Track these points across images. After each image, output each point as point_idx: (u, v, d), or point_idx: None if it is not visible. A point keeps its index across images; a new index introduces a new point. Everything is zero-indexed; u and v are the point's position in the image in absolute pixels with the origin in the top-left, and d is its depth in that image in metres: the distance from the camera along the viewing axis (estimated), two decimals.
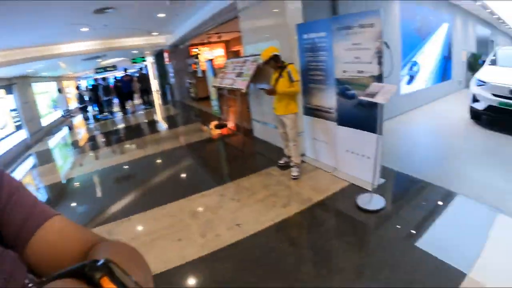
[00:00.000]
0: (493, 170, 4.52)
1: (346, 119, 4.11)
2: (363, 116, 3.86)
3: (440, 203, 3.59)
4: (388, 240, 2.96)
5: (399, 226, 3.18)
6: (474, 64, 12.03)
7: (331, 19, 4.37)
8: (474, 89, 6.46)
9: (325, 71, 4.31)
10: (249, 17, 5.91)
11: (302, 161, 4.59)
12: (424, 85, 8.30)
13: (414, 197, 3.80)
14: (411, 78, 7.49)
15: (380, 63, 3.68)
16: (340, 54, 4.05)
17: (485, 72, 6.65)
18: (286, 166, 4.54)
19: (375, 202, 3.48)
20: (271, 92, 4.16)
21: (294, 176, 4.19)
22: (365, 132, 3.85)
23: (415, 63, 7.57)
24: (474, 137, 5.86)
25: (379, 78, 3.68)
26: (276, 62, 4.16)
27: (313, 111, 4.65)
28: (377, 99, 3.24)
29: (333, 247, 2.90)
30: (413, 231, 3.04)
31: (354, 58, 3.91)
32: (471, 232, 3.07)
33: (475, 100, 6.42)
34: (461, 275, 2.42)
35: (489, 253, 2.68)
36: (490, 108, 6.11)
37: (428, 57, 8.30)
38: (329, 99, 4.31)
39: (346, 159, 4.23)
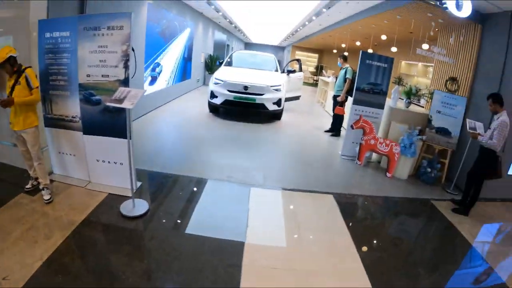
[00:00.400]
0: (236, 153, 5.76)
1: (92, 127, 3.88)
2: (110, 122, 3.76)
3: (195, 189, 4.20)
4: (162, 238, 3.14)
5: (166, 221, 3.45)
6: (211, 65, 14.09)
7: (77, 17, 3.93)
8: (213, 86, 7.61)
9: (68, 76, 3.85)
10: None
11: (52, 180, 3.93)
12: (167, 85, 8.95)
13: (171, 191, 4.21)
14: (154, 79, 7.90)
15: (126, 66, 3.67)
16: (85, 56, 3.74)
17: (222, 72, 7.95)
18: (35, 190, 3.77)
19: (138, 206, 3.55)
20: (7, 103, 3.27)
21: (46, 200, 3.52)
22: (115, 138, 3.78)
23: (158, 64, 8.01)
24: (215, 126, 6.99)
25: (125, 82, 3.68)
26: (12, 66, 3.32)
27: (55, 122, 4.03)
28: (124, 105, 3.18)
29: (115, 264, 2.75)
30: (179, 221, 3.44)
31: (100, 62, 3.73)
32: (234, 209, 3.82)
33: (213, 96, 7.59)
34: (240, 244, 3.02)
35: (254, 220, 3.52)
36: (226, 102, 7.42)
37: (170, 59, 8.96)
38: (72, 107, 3.90)
39: (99, 170, 4.01)
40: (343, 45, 13.47)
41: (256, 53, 10.42)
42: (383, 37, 9.58)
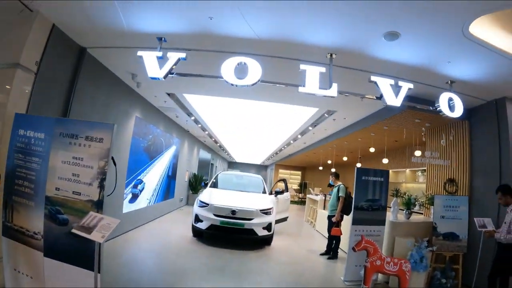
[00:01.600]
0: (225, 283, 4.74)
1: (55, 250, 3.24)
2: (77, 248, 3.15)
3: None
4: None
5: None
6: (195, 184, 13.69)
7: (55, 119, 3.55)
8: (197, 210, 6.95)
9: (35, 184, 3.31)
10: None
11: None
12: (148, 203, 8.30)
13: None
14: (135, 196, 7.30)
15: (101, 186, 3.19)
16: (56, 166, 3.28)
17: (207, 195, 7.37)
18: None
19: None
20: None
21: None
22: (80, 268, 3.14)
23: (140, 181, 7.51)
24: (199, 255, 5.97)
25: (98, 205, 3.17)
26: None
27: (14, 233, 3.34)
28: (94, 236, 2.67)
29: None
30: None
31: (72, 175, 3.25)
32: None
33: (198, 220, 6.86)
34: None
35: None
36: (212, 227, 6.66)
37: (154, 176, 8.52)
38: (35, 221, 3.28)
39: None
40: (329, 161, 13.66)
41: (243, 174, 10.19)
42: (372, 149, 9.63)
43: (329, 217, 6.96)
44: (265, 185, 8.91)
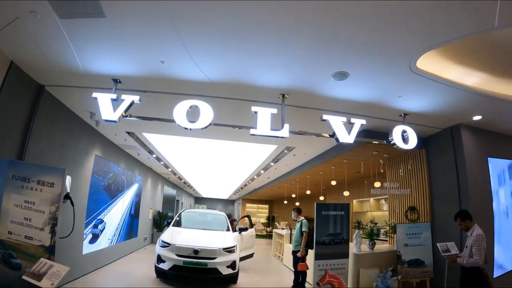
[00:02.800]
0: None
1: None
2: None
3: None
4: None
5: None
6: (159, 222, 13.28)
7: (8, 161, 3.50)
8: (159, 250, 6.75)
9: None
10: None
11: None
12: (110, 243, 7.96)
13: None
14: (96, 237, 7.00)
15: (53, 231, 3.15)
16: (9, 209, 3.23)
17: (169, 234, 7.18)
18: None
19: None
20: None
21: None
22: None
23: (101, 221, 7.25)
24: None
25: (50, 251, 3.13)
26: None
27: None
28: (43, 284, 2.65)
29: None
30: None
31: (24, 219, 3.21)
32: None
33: (160, 260, 6.64)
34: None
35: None
36: (175, 267, 6.46)
37: (115, 215, 8.26)
38: None
39: None
40: (293, 195, 13.91)
41: (206, 211, 10.13)
42: (333, 182, 9.96)
43: (294, 252, 6.99)
44: (228, 222, 8.85)
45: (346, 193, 11.30)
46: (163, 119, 4.22)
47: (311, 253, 6.88)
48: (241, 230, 9.00)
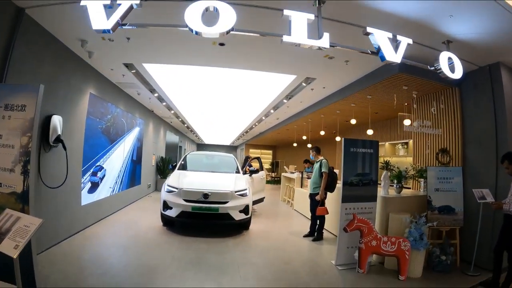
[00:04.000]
0: (203, 280, 4.12)
1: None
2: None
3: None
4: None
5: None
6: (163, 168, 12.78)
7: None
8: (165, 196, 6.20)
9: None
10: None
11: None
12: (111, 192, 7.40)
13: None
14: (95, 185, 6.40)
15: (25, 172, 2.42)
16: None
17: (175, 178, 6.59)
18: None
19: None
20: None
21: None
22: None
23: (100, 168, 6.61)
24: (171, 248, 5.23)
25: (24, 199, 2.41)
26: None
27: None
28: (3, 247, 1.97)
29: None
30: None
31: None
32: None
33: (166, 207, 6.11)
34: None
35: None
36: (183, 214, 5.96)
37: (116, 161, 7.63)
38: None
39: None
40: (304, 137, 13.20)
41: (213, 153, 9.40)
42: (353, 121, 9.13)
43: (312, 196, 6.47)
44: (238, 164, 8.26)
45: (370, 132, 10.46)
46: (169, 25, 3.36)
47: (329, 197, 6.39)
48: (251, 172, 8.44)
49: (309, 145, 13.72)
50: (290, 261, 5.08)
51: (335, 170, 6.65)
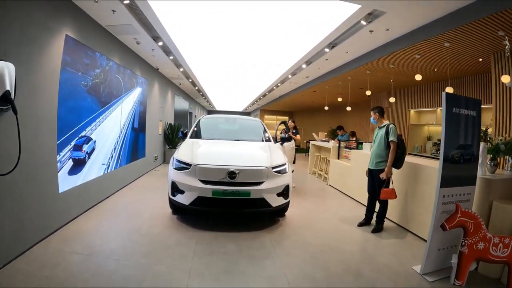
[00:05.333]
0: None
1: None
2: None
3: None
4: None
5: None
6: (172, 137, 11.10)
7: None
8: (174, 174, 4.50)
9: None
10: None
11: None
12: (106, 170, 5.71)
13: None
14: (80, 163, 4.70)
15: None
16: None
17: (188, 150, 4.86)
18: None
19: None
20: None
21: None
22: None
23: (87, 139, 4.89)
24: (186, 252, 3.58)
25: None
26: None
27: None
28: None
29: None
30: None
31: None
32: None
33: (176, 190, 4.43)
34: None
35: None
36: (200, 200, 4.29)
37: (111, 130, 5.89)
38: None
39: None
40: (340, 99, 11.31)
41: (235, 117, 7.37)
42: (417, 77, 7.08)
43: (374, 173, 4.77)
44: (267, 131, 6.48)
45: (392, 99, 8.88)
46: None
47: (397, 175, 4.77)
48: (283, 140, 6.70)
49: (348, 108, 11.82)
50: (357, 268, 3.51)
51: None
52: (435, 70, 7.42)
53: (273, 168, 4.58)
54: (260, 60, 8.50)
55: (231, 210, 4.50)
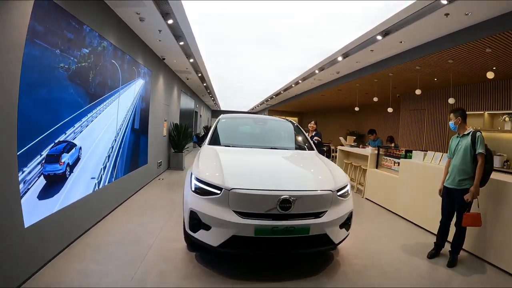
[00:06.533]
0: None
1: None
2: None
3: None
4: None
5: None
6: (178, 139, 9.65)
7: None
8: (193, 200, 3.09)
9: None
10: None
11: None
12: (96, 186, 4.25)
13: None
14: (59, 180, 3.27)
15: None
16: None
17: (213, 165, 3.35)
18: None
19: None
20: None
21: None
22: None
23: (67, 145, 3.44)
24: None
25: None
26: None
27: None
28: None
29: None
30: None
31: None
32: None
33: (197, 224, 3.01)
34: None
35: None
36: (235, 241, 2.88)
37: (103, 132, 4.44)
38: None
39: None
40: (375, 99, 9.92)
41: (259, 117, 5.93)
42: (490, 74, 5.85)
43: (453, 192, 3.55)
44: (305, 134, 5.10)
45: (451, 101, 7.62)
46: None
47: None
48: (317, 146, 5.26)
49: (390, 109, 10.24)
50: None
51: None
52: (494, 68, 6.12)
53: (337, 191, 3.19)
54: (289, 45, 7.11)
55: (281, 253, 3.16)
